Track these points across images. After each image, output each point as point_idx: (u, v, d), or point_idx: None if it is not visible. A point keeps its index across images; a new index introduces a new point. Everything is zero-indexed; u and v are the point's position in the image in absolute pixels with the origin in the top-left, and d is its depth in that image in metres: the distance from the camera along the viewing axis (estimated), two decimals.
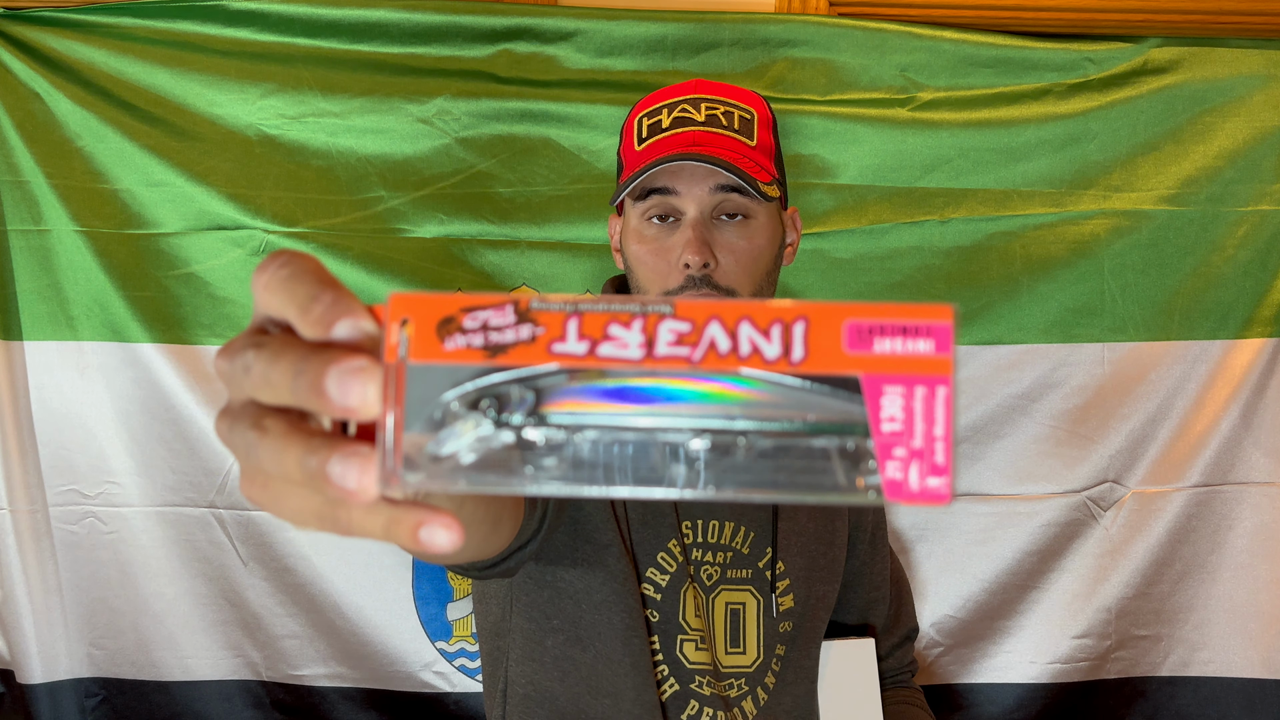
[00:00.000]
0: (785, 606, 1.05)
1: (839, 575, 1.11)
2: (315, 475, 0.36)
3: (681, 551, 1.01)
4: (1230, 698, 1.51)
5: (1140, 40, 1.48)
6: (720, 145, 0.93)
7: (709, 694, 1.01)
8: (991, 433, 1.49)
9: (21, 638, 1.48)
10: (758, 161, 0.95)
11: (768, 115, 1.01)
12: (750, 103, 0.99)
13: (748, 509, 1.05)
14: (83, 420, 1.48)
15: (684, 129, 0.94)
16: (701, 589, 1.02)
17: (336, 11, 1.44)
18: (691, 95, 0.97)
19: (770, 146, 1.00)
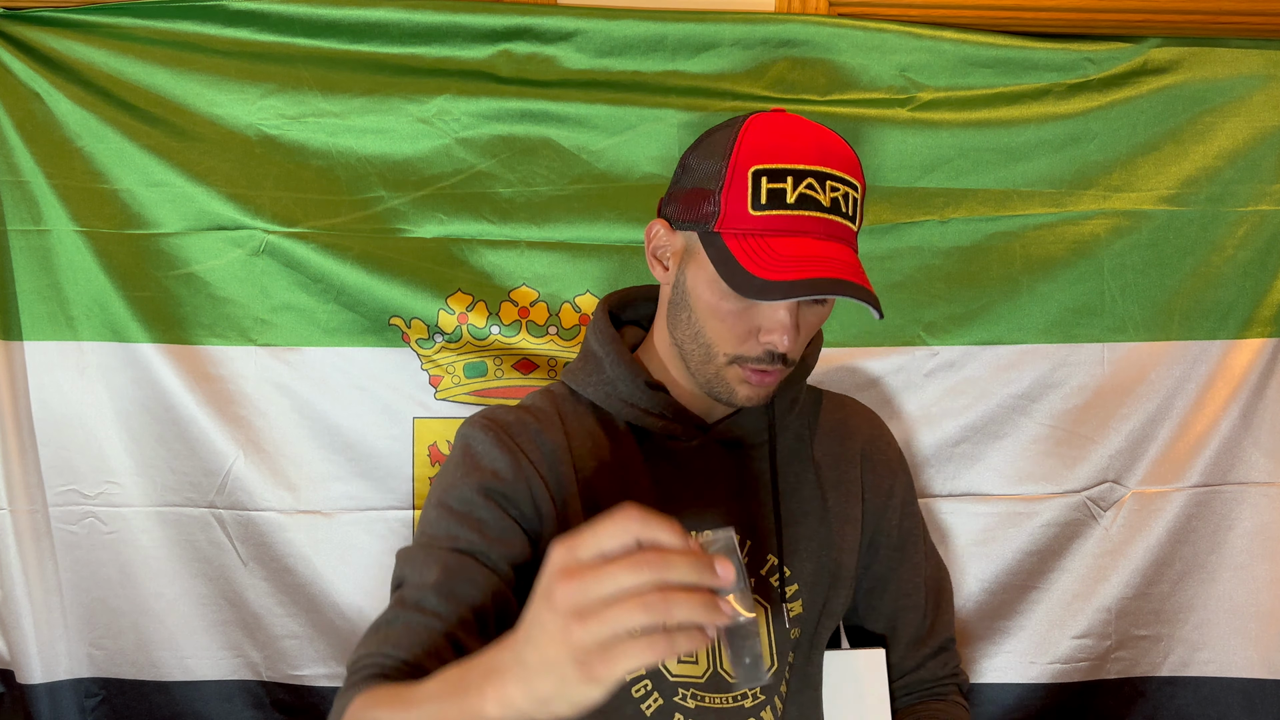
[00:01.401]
0: (794, 613, 1.04)
1: (850, 581, 1.09)
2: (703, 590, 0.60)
3: None
4: (1230, 698, 1.51)
5: (1140, 40, 1.48)
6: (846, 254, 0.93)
7: (694, 707, 1.01)
8: (991, 433, 1.49)
9: (21, 638, 1.48)
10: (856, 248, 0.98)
11: (863, 182, 0.99)
12: (855, 172, 0.96)
13: (743, 515, 1.03)
14: (83, 420, 1.48)
15: (811, 213, 0.91)
16: None
17: (336, 11, 1.44)
18: (818, 167, 0.91)
19: (860, 220, 0.99)
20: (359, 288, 1.46)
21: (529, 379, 1.47)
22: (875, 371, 1.49)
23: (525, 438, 1.02)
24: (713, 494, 1.03)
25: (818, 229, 0.91)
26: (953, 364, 1.49)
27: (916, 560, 1.15)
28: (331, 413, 1.48)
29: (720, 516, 1.03)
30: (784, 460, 1.08)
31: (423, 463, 1.49)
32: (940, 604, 1.17)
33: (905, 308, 1.49)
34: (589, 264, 1.48)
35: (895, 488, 1.14)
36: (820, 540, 1.07)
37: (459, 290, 1.46)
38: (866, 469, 1.12)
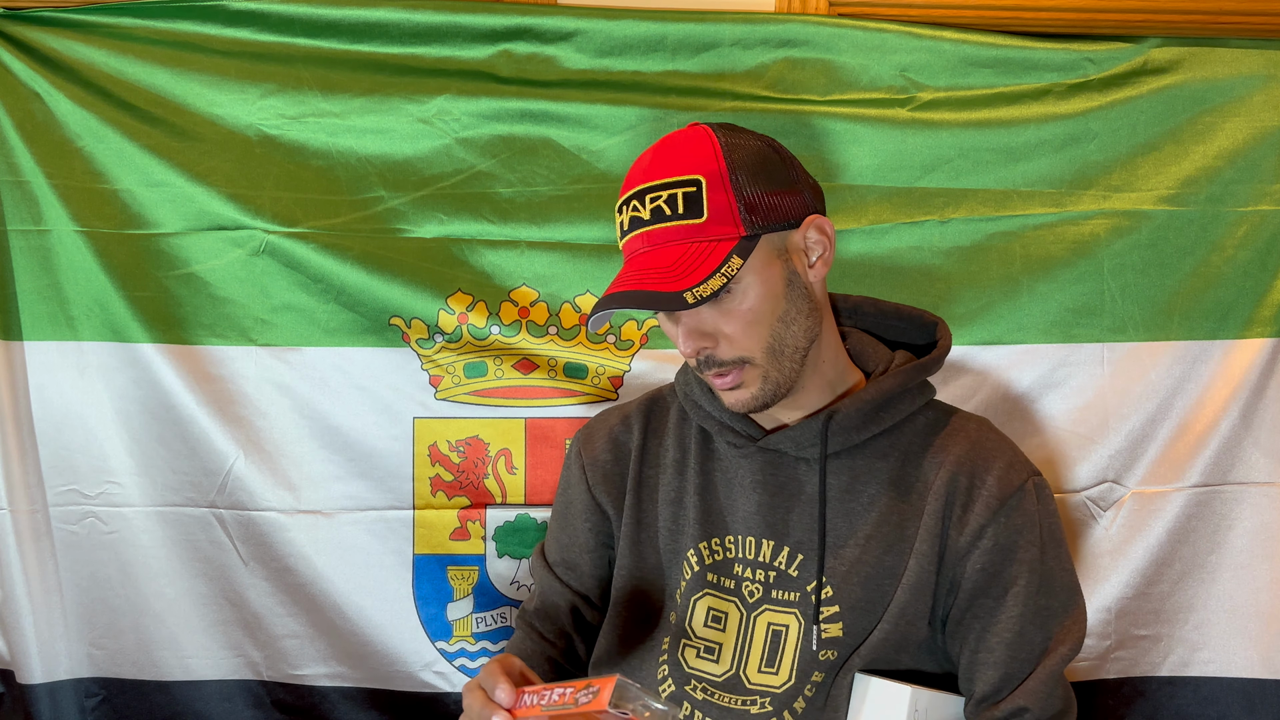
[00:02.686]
0: (829, 635, 1.01)
1: (916, 620, 1.01)
2: None
3: (699, 562, 1.04)
4: (1230, 698, 1.51)
5: (1140, 40, 1.48)
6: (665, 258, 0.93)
7: (701, 699, 1.02)
8: None
9: (21, 638, 1.48)
10: (710, 238, 0.93)
11: (720, 167, 0.95)
12: (696, 166, 0.94)
13: (793, 530, 1.03)
14: (83, 420, 1.48)
15: (635, 232, 0.97)
16: (742, 605, 1.03)
17: (336, 11, 1.44)
18: (639, 186, 0.96)
19: (727, 204, 0.94)
20: (359, 288, 1.46)
21: (529, 379, 1.47)
22: None
23: (596, 444, 1.15)
24: (749, 502, 1.04)
25: (642, 244, 0.95)
26: (952, 364, 1.49)
27: (1005, 615, 1.00)
28: (331, 413, 1.48)
29: (756, 524, 1.03)
30: (849, 478, 1.02)
31: (423, 463, 1.49)
32: (1029, 669, 1.00)
33: None
34: (589, 264, 1.48)
35: (990, 529, 1.00)
36: (878, 568, 1.01)
37: (459, 290, 1.46)
38: (954, 501, 1.01)
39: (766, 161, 0.98)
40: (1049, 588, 1.01)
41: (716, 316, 0.95)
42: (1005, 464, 1.02)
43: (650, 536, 1.09)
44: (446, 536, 1.50)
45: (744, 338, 0.96)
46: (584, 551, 1.15)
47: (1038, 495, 1.03)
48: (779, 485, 1.03)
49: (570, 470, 1.17)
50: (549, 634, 1.16)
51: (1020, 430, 1.49)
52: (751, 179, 0.96)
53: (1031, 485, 1.02)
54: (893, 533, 1.02)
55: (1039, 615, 1.00)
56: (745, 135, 0.99)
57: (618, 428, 1.15)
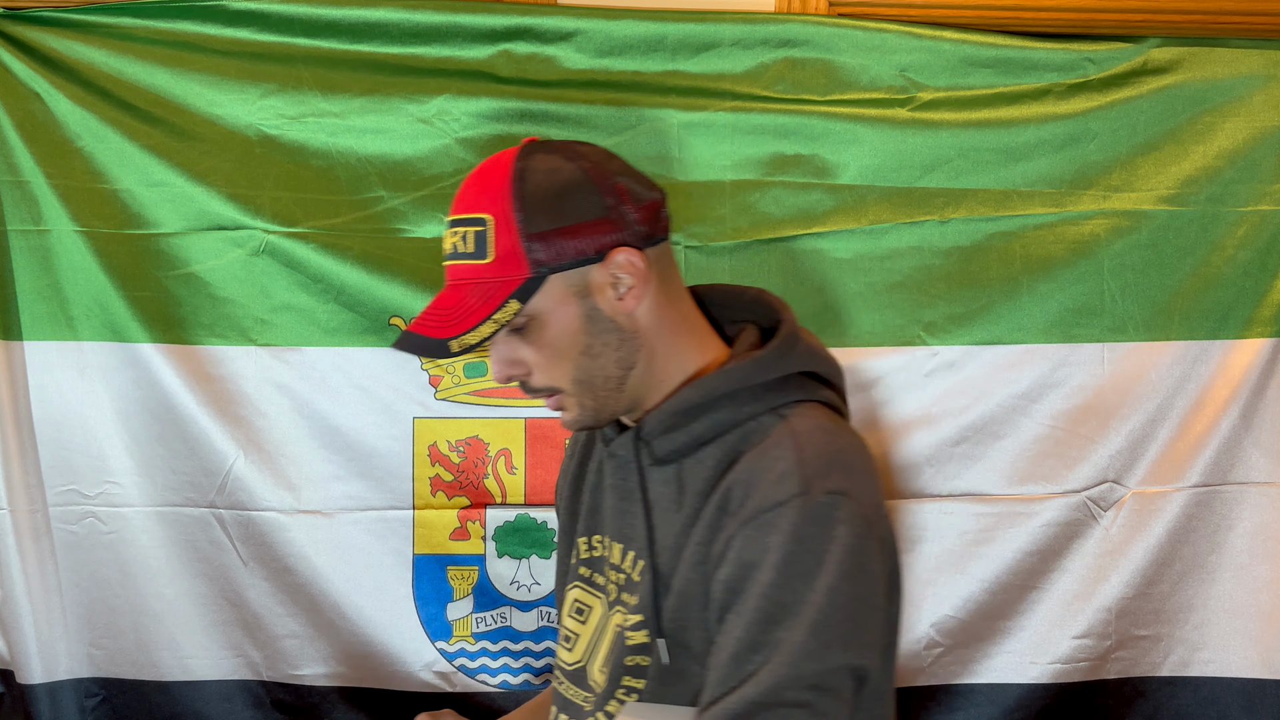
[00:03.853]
0: (634, 641, 0.96)
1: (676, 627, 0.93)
2: None
3: (578, 555, 1.06)
4: (1230, 698, 1.51)
5: (1140, 40, 1.48)
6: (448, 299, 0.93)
7: (556, 688, 1.05)
8: (991, 433, 1.49)
9: (21, 638, 1.48)
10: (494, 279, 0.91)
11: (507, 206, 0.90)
12: (486, 203, 0.91)
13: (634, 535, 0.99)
14: (83, 420, 1.48)
15: (444, 264, 0.96)
16: (605, 603, 1.02)
17: (336, 11, 1.44)
18: (450, 215, 0.94)
19: (512, 246, 0.90)
20: (359, 288, 1.45)
21: None
22: (875, 371, 1.49)
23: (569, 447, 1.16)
24: (609, 504, 1.04)
25: (447, 277, 0.95)
26: (953, 364, 1.49)
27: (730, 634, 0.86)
28: (331, 413, 1.48)
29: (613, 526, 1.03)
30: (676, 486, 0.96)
31: (423, 463, 1.49)
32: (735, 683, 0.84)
33: (905, 308, 1.48)
34: None
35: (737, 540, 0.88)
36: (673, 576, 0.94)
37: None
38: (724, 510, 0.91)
39: (565, 194, 0.91)
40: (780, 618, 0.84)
41: (522, 347, 0.95)
42: (779, 475, 0.87)
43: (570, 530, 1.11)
44: (446, 536, 1.50)
45: (549, 369, 0.95)
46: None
47: (803, 515, 0.85)
48: (627, 490, 1.01)
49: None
50: None
51: (1020, 430, 1.49)
52: (541, 217, 0.90)
53: (799, 504, 0.85)
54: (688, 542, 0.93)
55: (753, 646, 0.84)
56: (553, 159, 0.93)
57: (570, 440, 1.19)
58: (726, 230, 1.47)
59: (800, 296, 1.48)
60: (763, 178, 1.47)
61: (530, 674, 1.52)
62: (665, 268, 0.96)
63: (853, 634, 0.84)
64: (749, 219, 1.47)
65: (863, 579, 0.85)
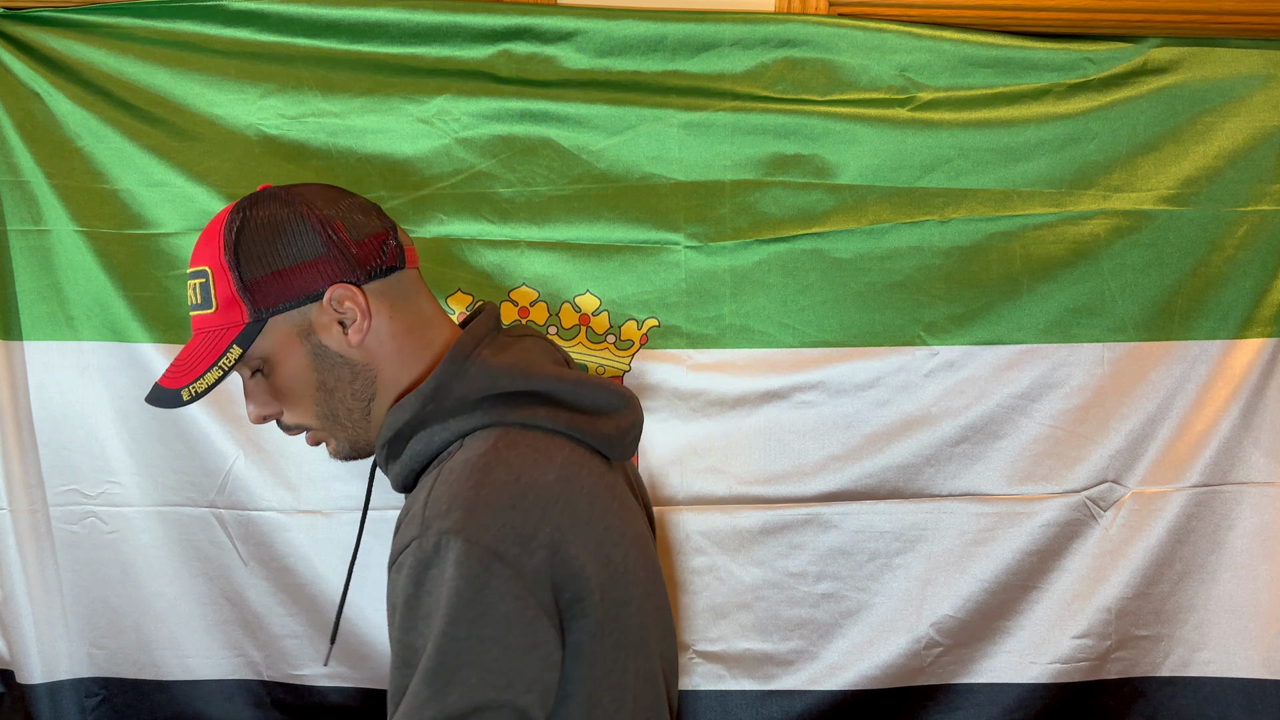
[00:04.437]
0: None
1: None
2: None
3: None
4: (1230, 698, 1.51)
5: (1140, 40, 1.48)
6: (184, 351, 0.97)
7: None
8: (991, 433, 1.49)
9: (21, 638, 1.48)
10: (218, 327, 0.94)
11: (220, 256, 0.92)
12: (207, 256, 0.93)
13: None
14: (83, 420, 1.48)
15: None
16: None
17: (336, 11, 1.44)
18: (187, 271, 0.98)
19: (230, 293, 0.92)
20: None
21: None
22: (875, 371, 1.49)
23: None
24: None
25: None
26: (953, 364, 1.49)
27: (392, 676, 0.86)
28: None
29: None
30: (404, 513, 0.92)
31: None
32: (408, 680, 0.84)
33: (905, 308, 1.48)
34: (589, 264, 1.48)
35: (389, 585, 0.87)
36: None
37: (459, 290, 1.46)
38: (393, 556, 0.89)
39: (276, 239, 0.93)
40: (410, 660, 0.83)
41: (267, 389, 0.98)
42: (410, 516, 0.87)
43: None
44: None
45: (293, 408, 0.98)
46: None
47: (420, 557, 0.83)
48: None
49: None
50: None
51: (1020, 430, 1.49)
52: (252, 262, 0.92)
53: (421, 545, 0.84)
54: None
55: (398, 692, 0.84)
56: (270, 206, 0.94)
57: None
58: (726, 230, 1.47)
59: (800, 296, 1.48)
60: (763, 178, 1.47)
61: None
62: (401, 298, 0.96)
63: (480, 676, 0.81)
64: (749, 219, 1.47)
65: (485, 620, 0.81)
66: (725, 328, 1.48)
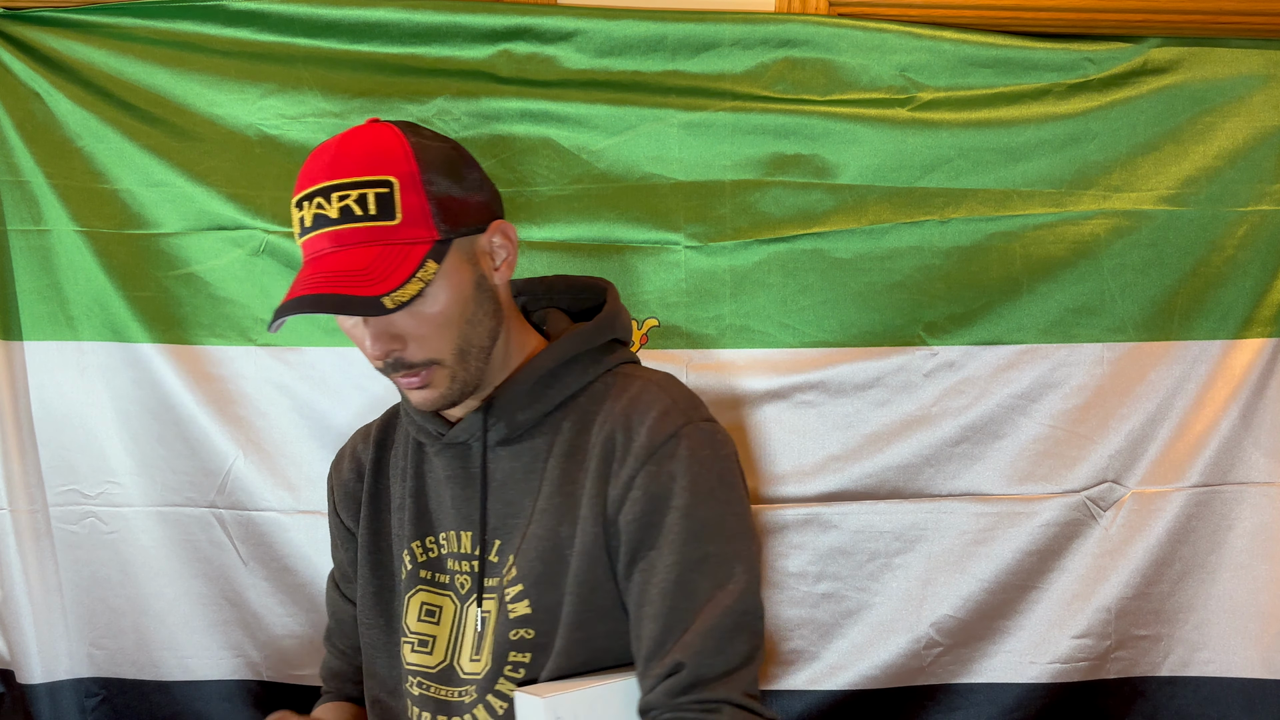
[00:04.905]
0: (518, 614, 0.99)
1: (593, 584, 0.97)
2: None
3: (412, 560, 1.06)
4: (1230, 698, 1.51)
5: (1140, 40, 1.48)
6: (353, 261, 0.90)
7: (418, 694, 1.04)
8: (991, 433, 1.49)
9: (21, 638, 1.48)
10: (404, 241, 0.91)
11: (413, 168, 0.92)
12: (387, 166, 0.91)
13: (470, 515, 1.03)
14: (83, 420, 1.48)
15: (321, 230, 0.91)
16: (456, 598, 1.04)
17: (336, 11, 1.44)
18: (324, 183, 0.91)
19: (420, 207, 0.92)
20: None
21: None
22: (875, 372, 1.49)
23: (342, 466, 1.16)
24: (444, 496, 1.05)
25: (329, 244, 0.91)
26: (953, 364, 1.49)
27: (661, 564, 0.94)
28: (331, 413, 1.48)
29: (454, 517, 1.04)
30: (529, 457, 1.01)
31: None
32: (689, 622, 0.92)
33: (905, 308, 1.48)
34: (589, 264, 1.48)
35: (639, 478, 0.95)
36: (553, 540, 0.98)
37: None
38: (610, 458, 0.97)
39: (454, 164, 0.96)
40: (708, 535, 0.94)
41: (405, 319, 0.94)
42: (660, 412, 0.97)
43: (385, 545, 1.10)
44: None
45: (434, 340, 0.95)
46: (352, 570, 1.14)
47: (695, 440, 0.96)
48: (467, 477, 1.03)
49: (327, 496, 1.18)
50: (348, 649, 1.17)
51: (1020, 430, 1.49)
52: (443, 182, 0.93)
53: (688, 431, 0.96)
54: (564, 503, 0.99)
55: (700, 564, 0.93)
56: (430, 136, 0.97)
57: (359, 445, 1.15)
58: (726, 230, 1.47)
59: (800, 296, 1.48)
60: (763, 178, 1.47)
61: None
62: None
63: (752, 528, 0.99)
64: (749, 219, 1.47)
65: (743, 481, 1.00)
66: (725, 328, 1.48)
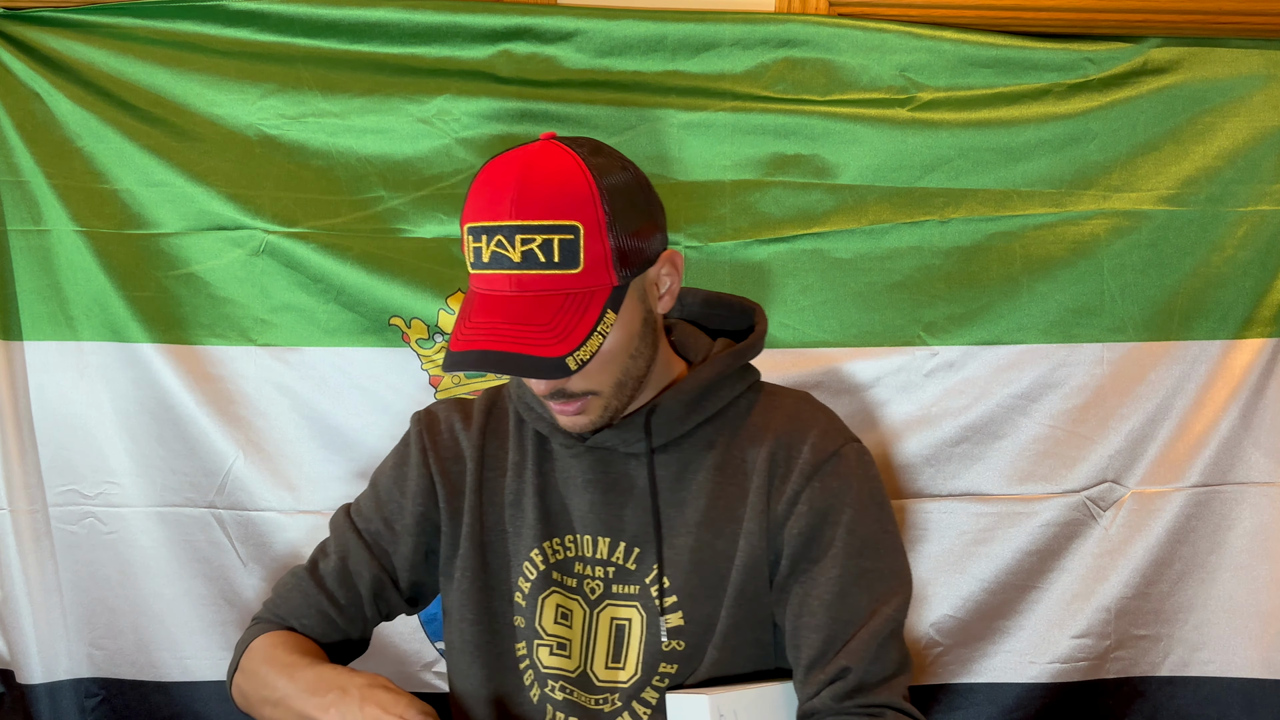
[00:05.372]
0: (672, 624, 1.00)
1: (750, 595, 1.00)
2: None
3: (543, 562, 1.04)
4: (1230, 698, 1.51)
5: (1140, 40, 1.48)
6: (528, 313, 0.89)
7: (561, 699, 1.02)
8: (991, 433, 1.49)
9: (21, 638, 1.48)
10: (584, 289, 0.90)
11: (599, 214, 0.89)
12: (573, 210, 0.88)
13: (627, 525, 1.02)
14: (83, 420, 1.48)
15: (500, 271, 0.89)
16: (585, 603, 1.03)
17: (336, 11, 1.44)
18: (508, 221, 0.88)
19: (603, 255, 0.89)
20: (359, 288, 1.45)
21: None
22: (875, 371, 1.49)
23: (440, 433, 1.09)
24: (584, 500, 1.03)
25: (507, 286, 0.90)
26: (953, 364, 1.49)
27: (824, 578, 0.98)
28: (331, 413, 1.48)
29: (592, 521, 1.03)
30: (677, 468, 1.02)
31: None
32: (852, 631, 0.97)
33: (905, 308, 1.48)
34: None
35: (805, 494, 0.99)
36: (711, 553, 1.00)
37: (459, 290, 1.46)
38: (774, 474, 1.00)
39: (635, 200, 0.93)
40: (869, 549, 0.99)
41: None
42: (820, 431, 1.01)
43: (492, 541, 1.07)
44: None
45: (597, 375, 0.94)
46: (407, 534, 1.08)
47: (855, 460, 1.01)
48: (611, 482, 1.03)
49: (410, 451, 1.10)
50: (340, 596, 1.09)
51: (1020, 430, 1.49)
52: (625, 225, 0.91)
53: (848, 450, 1.01)
54: (722, 516, 1.00)
55: (860, 577, 0.98)
56: (614, 165, 0.93)
57: (459, 425, 1.10)
58: (726, 230, 1.47)
59: (800, 296, 1.48)
60: (763, 178, 1.47)
61: None
62: None
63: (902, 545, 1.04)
64: (749, 219, 1.47)
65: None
66: None
